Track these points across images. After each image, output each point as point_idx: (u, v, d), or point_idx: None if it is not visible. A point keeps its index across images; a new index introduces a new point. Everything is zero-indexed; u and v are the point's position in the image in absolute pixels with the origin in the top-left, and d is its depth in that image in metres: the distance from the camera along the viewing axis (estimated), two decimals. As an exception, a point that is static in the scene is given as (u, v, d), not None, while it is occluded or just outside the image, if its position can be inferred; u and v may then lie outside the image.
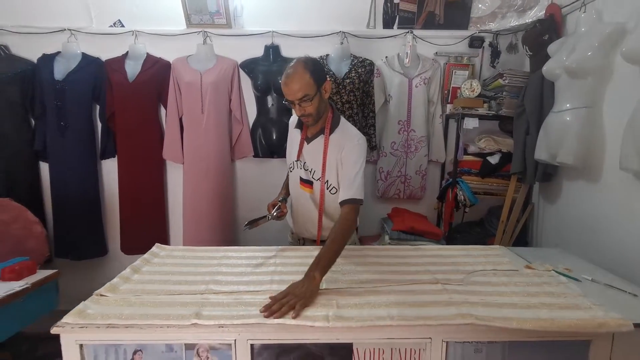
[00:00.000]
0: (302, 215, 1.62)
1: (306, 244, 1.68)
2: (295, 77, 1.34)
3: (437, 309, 1.09)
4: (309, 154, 1.53)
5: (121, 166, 2.46)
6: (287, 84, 1.36)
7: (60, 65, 2.35)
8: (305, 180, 1.55)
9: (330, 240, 1.28)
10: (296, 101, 1.36)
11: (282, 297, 1.09)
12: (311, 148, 1.52)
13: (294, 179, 1.60)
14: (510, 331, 1.02)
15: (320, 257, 1.23)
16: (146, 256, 1.52)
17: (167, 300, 1.15)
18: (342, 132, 1.48)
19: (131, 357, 1.06)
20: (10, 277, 1.69)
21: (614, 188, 1.60)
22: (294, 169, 1.60)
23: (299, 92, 1.34)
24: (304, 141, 1.53)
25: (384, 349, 1.06)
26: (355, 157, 1.43)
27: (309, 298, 1.11)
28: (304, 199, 1.58)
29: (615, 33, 1.54)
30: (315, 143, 1.50)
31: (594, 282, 1.30)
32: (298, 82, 1.34)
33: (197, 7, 2.30)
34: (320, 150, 1.48)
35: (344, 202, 1.39)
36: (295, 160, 1.57)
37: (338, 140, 1.46)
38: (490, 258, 1.52)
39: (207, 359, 1.05)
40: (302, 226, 1.65)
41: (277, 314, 1.03)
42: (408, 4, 2.34)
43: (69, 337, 1.03)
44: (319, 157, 1.49)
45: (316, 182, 1.53)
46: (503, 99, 2.14)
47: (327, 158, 1.47)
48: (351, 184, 1.40)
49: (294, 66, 1.37)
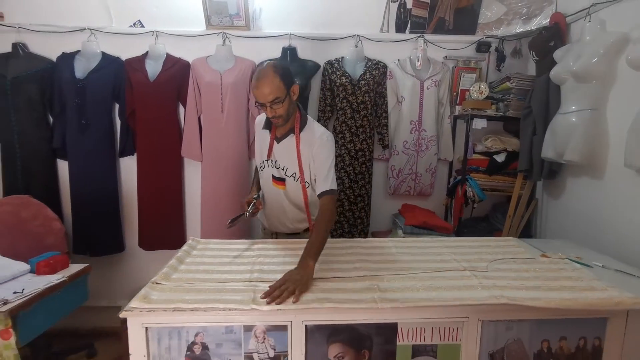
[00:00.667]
0: (275, 210, 1.70)
1: (279, 237, 1.76)
2: (266, 81, 1.41)
3: (470, 292, 1.20)
4: (280, 153, 1.61)
5: (140, 164, 2.51)
6: (258, 87, 1.42)
7: (80, 64, 2.39)
8: (278, 177, 1.63)
9: (317, 230, 1.39)
10: (267, 104, 1.44)
11: (281, 285, 1.17)
12: (281, 147, 1.59)
13: (266, 177, 1.68)
14: (538, 310, 1.14)
15: (311, 245, 1.33)
16: (185, 248, 1.59)
17: (221, 287, 1.23)
18: (310, 131, 1.58)
19: (193, 339, 1.13)
20: (45, 270, 1.74)
21: (618, 184, 1.75)
22: (264, 168, 1.67)
23: (270, 95, 1.42)
24: (274, 141, 1.61)
25: (425, 327, 1.16)
26: (326, 153, 1.53)
27: (306, 284, 1.20)
28: (276, 195, 1.66)
29: (619, 42, 1.68)
30: (285, 142, 1.58)
31: (605, 268, 1.43)
32: (269, 86, 1.41)
33: (217, 9, 2.37)
34: (291, 149, 1.57)
35: (323, 194, 1.49)
36: (265, 160, 1.65)
37: (307, 139, 1.55)
38: (506, 248, 1.64)
39: (263, 340, 1.14)
40: (277, 220, 1.73)
41: (279, 300, 1.12)
42: (420, 9, 2.46)
43: (135, 320, 1.10)
44: (291, 155, 1.57)
45: (289, 179, 1.61)
46: (510, 101, 2.27)
47: (300, 156, 1.56)
48: (326, 177, 1.50)
49: (265, 71, 1.43)
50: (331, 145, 1.56)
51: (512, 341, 1.18)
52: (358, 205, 2.54)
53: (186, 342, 1.13)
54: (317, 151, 1.53)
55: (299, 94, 1.50)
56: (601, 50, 1.73)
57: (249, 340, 1.13)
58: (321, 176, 1.52)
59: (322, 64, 2.50)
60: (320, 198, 1.51)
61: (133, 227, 2.60)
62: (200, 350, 1.13)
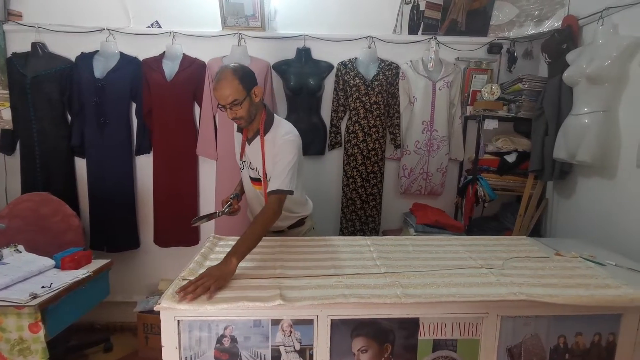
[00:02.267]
0: (256, 210, 1.71)
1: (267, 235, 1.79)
2: (225, 84, 1.43)
3: (489, 289, 1.24)
4: (252, 154, 1.64)
5: (156, 162, 2.55)
6: (217, 89, 1.45)
7: (99, 64, 2.43)
8: (254, 178, 1.67)
9: (252, 227, 1.40)
10: (227, 105, 1.46)
11: (197, 280, 1.18)
12: (252, 148, 1.63)
13: (245, 178, 1.72)
14: (555, 306, 1.18)
15: (239, 243, 1.34)
16: (208, 245, 1.63)
17: (246, 284, 1.27)
18: (277, 130, 1.58)
19: (222, 332, 1.18)
20: (70, 266, 1.79)
21: (629, 184, 1.78)
22: (243, 169, 1.72)
23: (229, 97, 1.44)
24: (246, 142, 1.65)
25: (446, 322, 1.20)
26: (285, 152, 1.52)
27: (223, 280, 1.21)
28: (255, 194, 1.71)
29: (632, 46, 1.72)
30: (255, 143, 1.62)
31: (618, 266, 1.47)
32: (228, 88, 1.43)
33: (233, 10, 2.41)
34: (260, 150, 1.59)
35: (271, 193, 1.48)
36: (240, 161, 1.69)
37: (273, 139, 1.57)
38: (520, 247, 1.68)
39: (290, 333, 1.19)
40: None
41: (192, 295, 1.12)
42: (433, 11, 2.49)
43: (168, 314, 1.15)
44: (260, 156, 1.60)
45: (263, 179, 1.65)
46: (522, 102, 2.30)
47: (265, 156, 1.58)
48: (280, 175, 1.49)
49: (224, 74, 1.45)
50: (292, 145, 1.54)
51: (529, 336, 1.22)
52: (370, 203, 2.58)
53: (216, 335, 1.17)
54: (278, 150, 1.53)
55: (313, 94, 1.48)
56: (614, 54, 1.76)
57: (276, 334, 1.18)
58: (275, 174, 1.51)
59: (336, 65, 2.53)
60: (269, 196, 1.49)
61: (148, 224, 2.65)
62: (229, 342, 1.18)
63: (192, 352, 1.18)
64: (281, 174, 1.49)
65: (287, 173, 1.49)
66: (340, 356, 1.20)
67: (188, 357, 1.18)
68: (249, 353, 1.18)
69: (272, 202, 1.47)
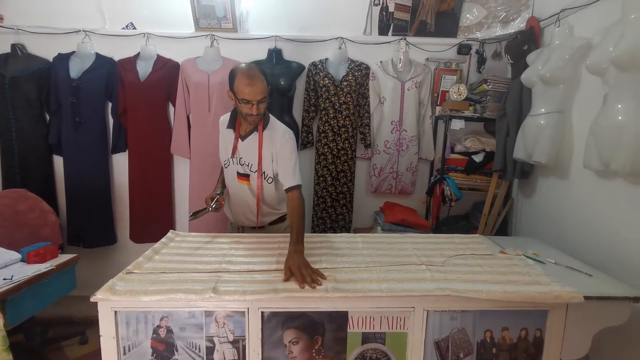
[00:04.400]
0: (240, 205, 1.78)
1: (245, 231, 1.86)
2: (258, 82, 1.49)
3: (420, 284, 1.28)
4: (244, 150, 1.68)
5: (131, 160, 2.62)
6: (252, 85, 1.48)
7: (75, 64, 2.50)
8: (242, 174, 1.72)
9: (296, 219, 1.53)
10: (256, 101, 1.51)
11: (297, 271, 1.29)
12: (246, 145, 1.68)
13: (231, 173, 1.76)
14: (480, 301, 1.22)
15: (297, 233, 1.47)
16: (163, 240, 1.69)
17: (187, 277, 1.32)
18: (273, 129, 1.66)
19: (158, 323, 1.23)
20: (35, 260, 1.85)
21: (579, 185, 1.81)
22: (229, 165, 1.75)
23: (261, 94, 1.50)
24: (238, 139, 1.69)
25: (375, 316, 1.24)
26: (289, 149, 1.62)
27: (309, 265, 1.35)
28: (241, 190, 1.75)
29: (583, 47, 1.74)
30: (249, 140, 1.67)
31: (557, 264, 1.50)
32: (260, 86, 1.50)
33: (205, 12, 2.46)
34: (255, 146, 1.65)
35: (291, 189, 1.60)
36: (230, 157, 1.73)
37: (270, 136, 1.64)
38: (470, 245, 1.72)
39: (223, 325, 1.23)
40: (242, 215, 1.82)
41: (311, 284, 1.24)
42: (402, 12, 2.52)
43: (105, 305, 1.20)
44: (255, 152, 1.65)
45: (253, 175, 1.70)
46: (487, 103, 2.33)
47: (262, 152, 1.64)
48: (292, 172, 1.61)
49: (254, 71, 1.51)
50: (293, 143, 1.65)
51: (456, 330, 1.26)
52: (340, 202, 2.62)
53: (152, 326, 1.23)
54: (280, 149, 1.62)
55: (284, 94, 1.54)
56: (567, 55, 1.79)
57: (210, 325, 1.23)
58: (288, 172, 1.61)
59: (307, 66, 2.58)
60: (289, 192, 1.61)
61: (124, 221, 2.72)
62: (165, 333, 1.23)
63: (129, 342, 1.23)
64: (292, 171, 1.61)
65: (295, 169, 1.62)
66: (272, 347, 1.24)
67: (126, 347, 1.23)
68: (184, 343, 1.24)
69: (296, 195, 1.60)
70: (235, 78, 1.52)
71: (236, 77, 1.52)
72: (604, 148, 1.51)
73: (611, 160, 1.49)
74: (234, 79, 1.53)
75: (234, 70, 1.55)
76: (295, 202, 1.58)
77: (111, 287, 1.23)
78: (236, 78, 1.52)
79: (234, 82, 1.52)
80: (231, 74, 1.55)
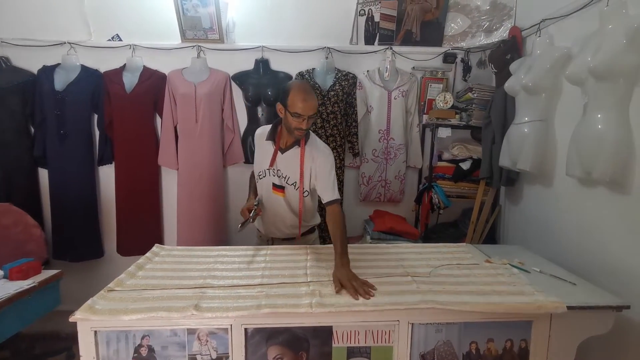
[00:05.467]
0: (272, 216, 1.79)
1: (274, 243, 1.85)
2: (313, 98, 1.54)
3: (404, 297, 1.28)
4: (283, 163, 1.70)
5: (118, 172, 2.59)
6: (306, 101, 1.52)
7: (60, 77, 2.48)
8: (278, 185, 1.73)
9: (340, 233, 1.55)
10: (307, 116, 1.54)
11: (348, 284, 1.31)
12: (285, 157, 1.69)
13: (266, 185, 1.77)
14: (465, 313, 1.22)
15: (341, 246, 1.50)
16: (148, 255, 1.67)
17: (170, 294, 1.30)
18: (313, 145, 1.69)
19: (139, 342, 1.21)
20: (17, 276, 1.81)
21: (563, 192, 1.83)
22: (265, 176, 1.76)
23: (313, 110, 1.55)
24: (278, 151, 1.71)
25: (359, 330, 1.24)
26: (329, 166, 1.66)
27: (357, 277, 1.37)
28: (275, 201, 1.76)
29: (562, 57, 1.76)
30: (289, 153, 1.69)
31: (542, 273, 1.51)
32: (314, 102, 1.55)
33: (191, 23, 2.46)
34: (295, 159, 1.68)
35: (332, 203, 1.63)
36: (267, 169, 1.74)
37: (310, 152, 1.67)
38: (456, 254, 1.72)
39: (206, 342, 1.22)
40: (273, 226, 1.82)
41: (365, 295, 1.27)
42: (387, 22, 2.55)
43: (84, 325, 1.18)
44: (294, 165, 1.68)
45: (289, 187, 1.71)
46: (473, 111, 2.35)
47: (304, 165, 1.67)
48: (332, 188, 1.64)
49: (307, 88, 1.56)
50: (332, 159, 1.69)
51: (441, 343, 1.26)
52: (329, 211, 2.61)
53: (133, 345, 1.20)
54: (320, 165, 1.65)
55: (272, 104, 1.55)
56: (548, 65, 1.81)
57: (193, 343, 1.21)
58: (328, 187, 1.64)
59: (294, 75, 2.58)
60: (330, 206, 1.63)
61: (111, 234, 2.69)
62: (146, 352, 1.21)
63: (110, 362, 1.21)
64: (332, 185, 1.65)
65: (334, 184, 1.66)
66: (257, 364, 1.23)
67: (106, 367, 1.21)
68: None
69: (337, 209, 1.63)
70: (291, 92, 1.55)
71: (291, 91, 1.55)
72: (585, 156, 1.53)
73: (592, 168, 1.51)
74: (288, 93, 1.55)
75: (289, 85, 1.59)
76: (336, 215, 1.61)
77: (91, 306, 1.21)
78: (291, 92, 1.54)
79: (289, 96, 1.54)
80: (286, 88, 1.59)
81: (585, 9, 1.70)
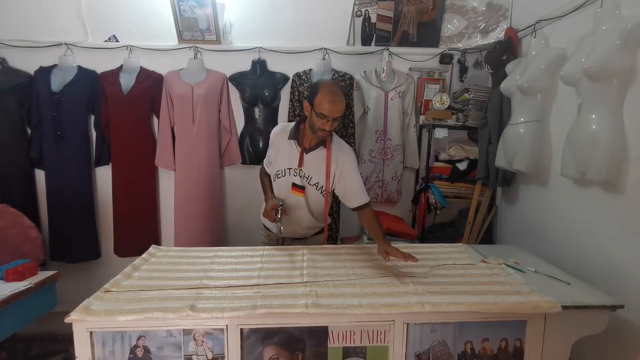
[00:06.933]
0: (289, 217, 1.76)
1: (285, 243, 1.84)
2: (341, 99, 1.52)
3: (401, 298, 1.28)
4: (307, 163, 1.69)
5: (115, 173, 2.59)
6: (334, 102, 1.50)
7: (56, 78, 2.48)
8: (299, 185, 1.71)
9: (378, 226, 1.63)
10: (332, 118, 1.52)
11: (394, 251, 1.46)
12: (309, 158, 1.68)
13: (285, 184, 1.74)
14: (460, 313, 1.22)
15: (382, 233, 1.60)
16: (144, 256, 1.67)
17: (166, 295, 1.30)
18: (338, 146, 1.69)
19: (135, 342, 1.21)
20: (14, 277, 1.81)
21: (558, 192, 1.84)
22: (285, 176, 1.73)
23: (339, 112, 1.53)
24: (303, 152, 1.68)
25: (355, 330, 1.24)
26: (356, 169, 1.68)
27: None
28: (294, 202, 1.74)
29: (557, 58, 1.77)
30: (314, 154, 1.67)
31: (537, 272, 1.51)
32: (342, 104, 1.53)
33: (188, 24, 2.47)
34: (320, 160, 1.67)
35: (365, 206, 1.68)
36: (288, 168, 1.71)
37: (335, 153, 1.66)
38: (452, 254, 1.72)
39: (202, 343, 1.22)
40: (288, 226, 1.79)
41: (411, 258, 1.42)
42: (384, 23, 2.55)
43: (80, 325, 1.18)
44: (319, 166, 1.67)
45: (310, 187, 1.71)
46: (469, 111, 2.36)
47: (330, 166, 1.67)
48: (362, 191, 1.68)
49: (336, 89, 1.53)
50: (356, 161, 1.72)
51: (437, 343, 1.26)
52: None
53: (129, 346, 1.20)
54: (347, 168, 1.66)
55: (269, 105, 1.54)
56: (543, 66, 1.82)
57: (189, 343, 1.21)
58: (358, 190, 1.67)
59: (291, 76, 2.59)
60: (364, 209, 1.67)
61: (108, 235, 2.68)
62: (142, 353, 1.21)
63: (106, 363, 1.21)
64: (362, 188, 1.68)
65: (363, 186, 1.70)
66: (253, 364, 1.23)
67: (102, 368, 1.21)
68: (163, 363, 1.21)
69: (371, 211, 1.69)
70: (319, 92, 1.52)
71: (319, 91, 1.52)
72: (580, 157, 1.54)
73: (587, 168, 1.52)
74: (317, 92, 1.53)
75: (318, 84, 1.57)
76: (372, 217, 1.65)
77: (86, 307, 1.21)
78: (319, 92, 1.52)
79: (316, 95, 1.52)
80: (314, 86, 1.57)
81: (580, 10, 1.71)
